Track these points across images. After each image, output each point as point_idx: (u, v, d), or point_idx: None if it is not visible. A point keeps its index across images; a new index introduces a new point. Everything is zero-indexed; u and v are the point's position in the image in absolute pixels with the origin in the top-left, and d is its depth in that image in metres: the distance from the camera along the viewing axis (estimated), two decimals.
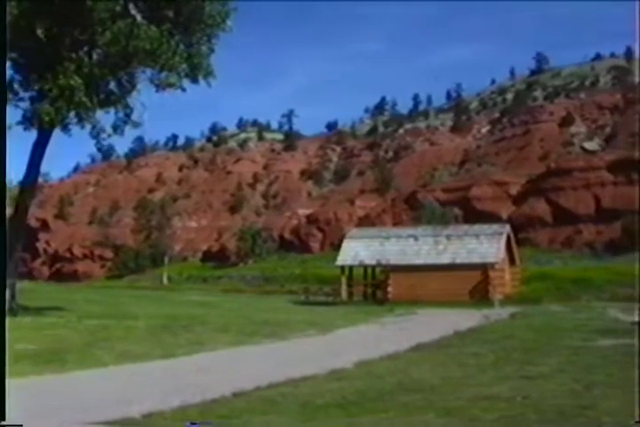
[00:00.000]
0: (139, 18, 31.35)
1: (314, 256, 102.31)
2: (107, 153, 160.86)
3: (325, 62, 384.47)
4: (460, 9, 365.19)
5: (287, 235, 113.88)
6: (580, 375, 15.59)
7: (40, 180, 65.63)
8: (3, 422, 8.95)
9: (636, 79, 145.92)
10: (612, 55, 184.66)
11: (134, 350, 20.77)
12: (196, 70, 33.27)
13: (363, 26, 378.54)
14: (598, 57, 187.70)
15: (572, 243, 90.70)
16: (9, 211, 35.13)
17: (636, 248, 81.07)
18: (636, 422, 9.52)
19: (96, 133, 34.08)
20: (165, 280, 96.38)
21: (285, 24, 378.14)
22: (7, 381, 10.32)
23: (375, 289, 55.26)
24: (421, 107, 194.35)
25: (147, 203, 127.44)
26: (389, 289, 52.02)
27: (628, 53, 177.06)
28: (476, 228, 55.94)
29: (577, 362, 18.08)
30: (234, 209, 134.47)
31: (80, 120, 32.97)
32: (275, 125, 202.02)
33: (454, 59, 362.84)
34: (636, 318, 32.98)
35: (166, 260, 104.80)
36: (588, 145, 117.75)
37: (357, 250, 55.41)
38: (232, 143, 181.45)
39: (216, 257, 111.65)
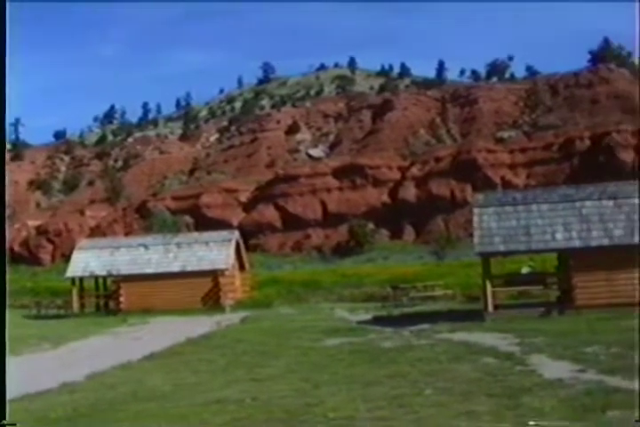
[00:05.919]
0: None
1: (45, 269, 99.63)
2: None
3: (54, 68, 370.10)
4: (190, 15, 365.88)
5: (17, 247, 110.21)
6: (308, 375, 16.34)
7: None
8: (3, 422, 8.76)
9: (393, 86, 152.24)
10: (336, 65, 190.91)
11: None
12: None
13: (93, 29, 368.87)
14: (323, 67, 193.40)
15: (301, 247, 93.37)
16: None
17: (361, 250, 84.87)
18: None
19: None
20: None
21: (12, 25, 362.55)
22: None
23: (107, 300, 54.49)
24: (151, 115, 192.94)
25: None
26: (121, 299, 51.44)
27: (352, 64, 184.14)
28: (206, 235, 56.31)
29: (305, 362, 18.86)
30: None
31: None
32: None
33: (184, 66, 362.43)
34: (362, 317, 34.81)
35: None
36: (314, 152, 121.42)
37: (88, 261, 54.45)
38: None
39: None
